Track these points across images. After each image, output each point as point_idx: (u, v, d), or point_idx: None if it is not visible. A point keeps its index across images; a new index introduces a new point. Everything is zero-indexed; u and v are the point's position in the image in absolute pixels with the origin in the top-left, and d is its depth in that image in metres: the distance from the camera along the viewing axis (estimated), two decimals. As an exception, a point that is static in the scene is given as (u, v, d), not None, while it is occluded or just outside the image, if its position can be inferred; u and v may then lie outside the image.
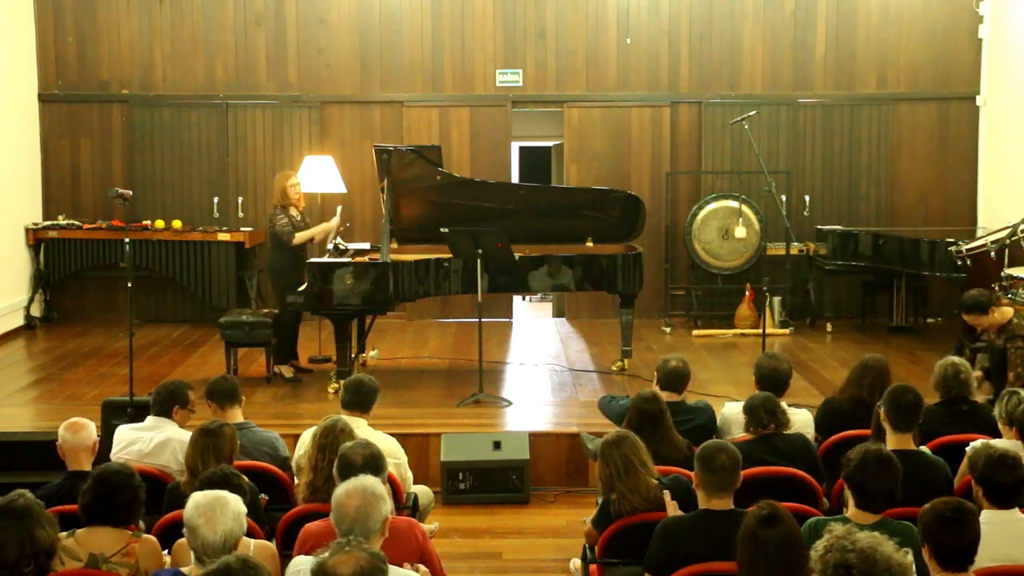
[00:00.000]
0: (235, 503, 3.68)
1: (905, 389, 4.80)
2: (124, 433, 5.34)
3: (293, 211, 8.50)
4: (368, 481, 3.73)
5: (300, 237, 8.47)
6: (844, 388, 5.72)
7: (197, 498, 3.67)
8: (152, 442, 5.22)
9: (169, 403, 5.37)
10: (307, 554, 3.83)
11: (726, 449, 4.15)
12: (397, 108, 11.11)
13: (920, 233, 9.96)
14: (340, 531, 3.60)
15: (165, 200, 11.05)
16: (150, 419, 5.37)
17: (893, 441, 4.68)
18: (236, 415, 5.40)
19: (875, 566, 3.01)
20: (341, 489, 3.67)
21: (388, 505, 3.74)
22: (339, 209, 8.91)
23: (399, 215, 8.76)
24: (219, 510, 3.62)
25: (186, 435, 5.15)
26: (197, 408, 5.57)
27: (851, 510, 4.00)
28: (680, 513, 4.25)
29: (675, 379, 5.65)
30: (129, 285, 7.25)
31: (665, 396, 5.46)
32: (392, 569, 3.61)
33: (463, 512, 6.65)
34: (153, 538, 4.04)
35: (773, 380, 5.56)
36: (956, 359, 5.66)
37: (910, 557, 3.13)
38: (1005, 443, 4.70)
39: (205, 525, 3.59)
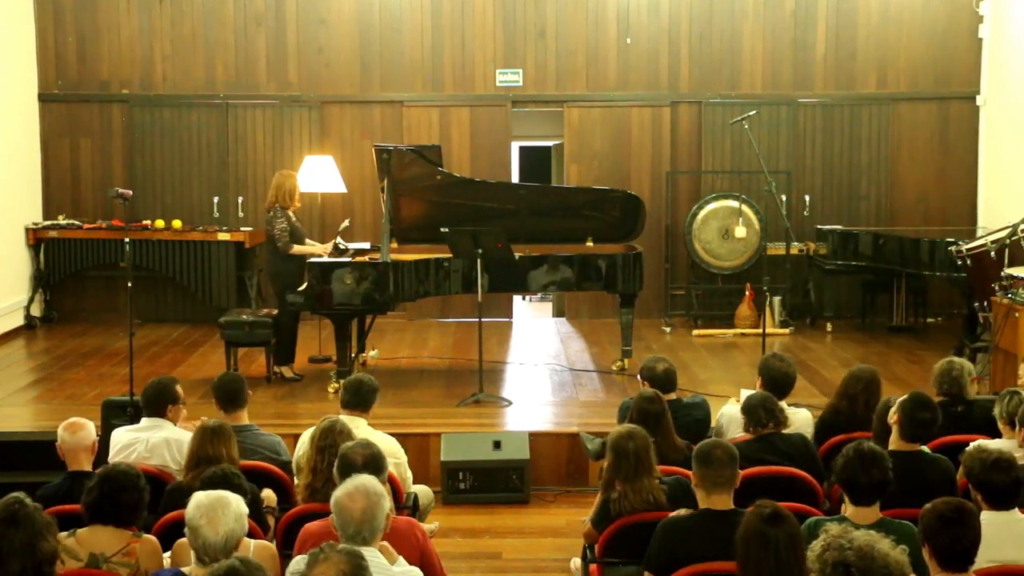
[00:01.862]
0: (237, 503, 3.68)
1: (924, 404, 4.69)
2: (120, 436, 5.29)
3: (290, 212, 8.46)
4: (367, 480, 3.73)
5: (298, 250, 8.40)
6: (836, 400, 5.62)
7: (199, 498, 3.67)
8: (149, 443, 5.20)
9: (161, 401, 5.33)
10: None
11: (721, 445, 4.17)
12: (397, 108, 11.11)
13: (920, 233, 9.95)
14: (347, 534, 3.59)
15: (165, 200, 11.05)
16: (145, 420, 5.33)
17: (898, 444, 4.66)
18: (240, 417, 5.37)
19: (873, 563, 3.02)
20: (342, 492, 3.66)
21: (388, 501, 3.75)
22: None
23: (399, 215, 8.75)
24: (221, 510, 3.62)
25: (183, 434, 5.15)
26: (203, 407, 5.54)
27: (848, 509, 4.00)
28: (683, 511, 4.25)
29: (667, 380, 5.66)
30: (129, 285, 7.25)
31: None
32: (393, 570, 3.62)
33: (463, 512, 6.65)
34: (153, 538, 4.04)
35: (783, 383, 5.55)
36: (955, 358, 5.65)
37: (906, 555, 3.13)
38: (1000, 444, 4.70)
39: (207, 525, 3.58)
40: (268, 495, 4.77)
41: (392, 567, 3.63)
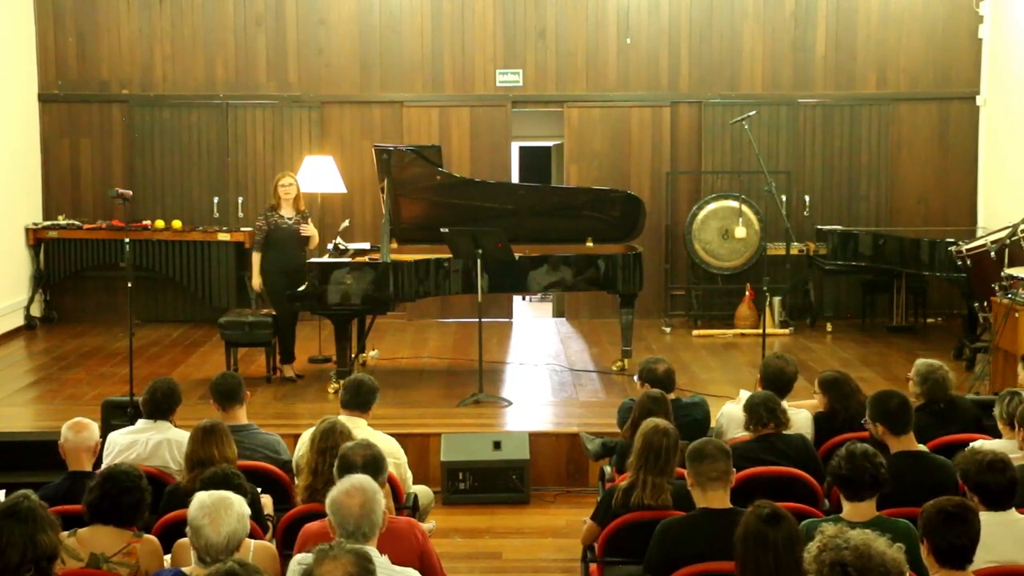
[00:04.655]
0: (239, 504, 3.68)
1: (888, 395, 4.79)
2: (117, 438, 5.28)
3: (286, 211, 8.47)
4: (363, 478, 3.75)
5: (254, 260, 8.49)
6: (827, 405, 5.61)
7: (202, 498, 3.67)
8: (148, 445, 5.20)
9: (168, 404, 5.34)
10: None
11: (711, 440, 4.22)
12: (397, 108, 11.11)
13: (920, 233, 9.96)
14: (346, 531, 3.59)
15: (165, 200, 11.06)
16: (143, 422, 5.32)
17: (898, 444, 4.67)
18: (238, 416, 5.37)
19: (870, 561, 3.03)
20: (338, 491, 3.66)
21: (384, 499, 3.76)
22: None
23: (399, 215, 8.76)
24: (224, 511, 3.62)
25: (182, 434, 5.16)
26: (203, 407, 5.54)
27: (845, 508, 4.02)
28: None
29: (667, 381, 5.66)
30: (129, 285, 7.26)
31: None
32: (392, 568, 3.62)
33: (463, 512, 6.65)
34: (154, 538, 4.04)
35: (778, 380, 5.56)
36: (929, 360, 5.63)
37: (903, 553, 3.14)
38: (1000, 444, 4.73)
39: (209, 525, 3.58)
40: (265, 502, 4.76)
41: (393, 566, 3.63)
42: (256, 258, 8.49)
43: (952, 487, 4.47)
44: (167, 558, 4.00)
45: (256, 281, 8.52)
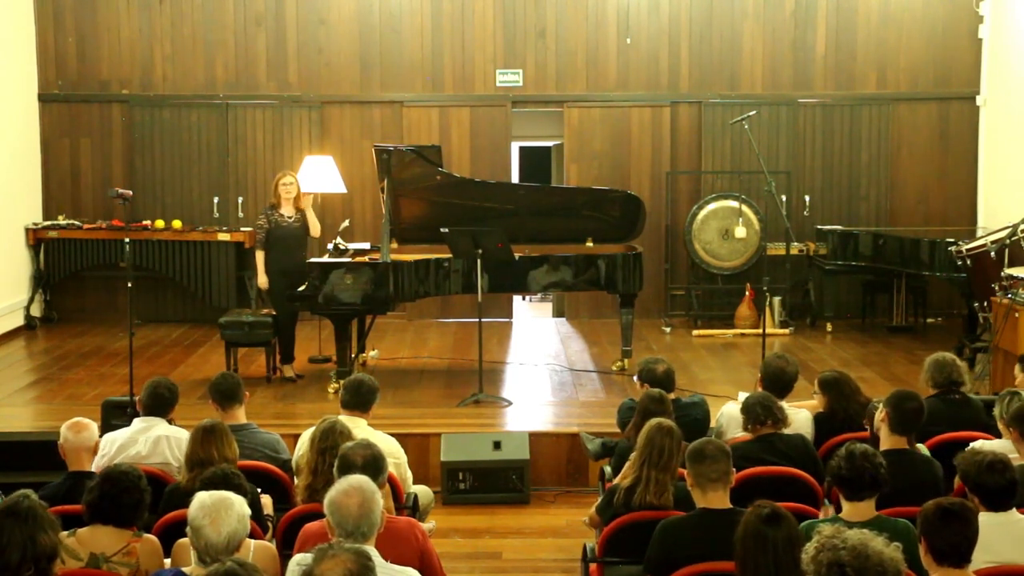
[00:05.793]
0: (240, 504, 3.68)
1: (909, 395, 4.81)
2: (115, 437, 5.26)
3: (286, 210, 8.48)
4: (361, 478, 3.75)
5: (258, 259, 8.52)
6: (827, 405, 5.62)
7: (203, 498, 3.67)
8: (148, 442, 5.20)
9: (170, 402, 5.35)
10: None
11: (711, 441, 4.22)
12: (397, 108, 11.11)
13: (920, 233, 9.97)
14: (345, 531, 3.59)
15: (165, 200, 11.06)
16: (139, 421, 5.32)
17: (889, 441, 4.69)
18: (237, 415, 5.38)
19: (867, 561, 3.03)
20: (336, 491, 3.66)
21: (382, 499, 3.76)
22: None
23: (399, 215, 8.76)
24: (224, 511, 3.62)
25: (179, 431, 5.16)
26: (203, 407, 5.54)
27: (844, 508, 4.03)
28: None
29: (667, 381, 5.67)
30: (129, 285, 7.26)
31: None
32: (391, 568, 3.62)
33: (463, 512, 6.66)
34: (154, 538, 4.04)
35: (779, 380, 5.56)
36: (944, 353, 5.68)
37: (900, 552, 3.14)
38: (995, 444, 4.74)
39: (210, 526, 3.58)
40: (265, 502, 4.76)
41: (392, 565, 3.63)
42: (260, 256, 8.50)
43: (938, 484, 4.49)
44: (167, 561, 3.99)
45: (262, 280, 8.51)
